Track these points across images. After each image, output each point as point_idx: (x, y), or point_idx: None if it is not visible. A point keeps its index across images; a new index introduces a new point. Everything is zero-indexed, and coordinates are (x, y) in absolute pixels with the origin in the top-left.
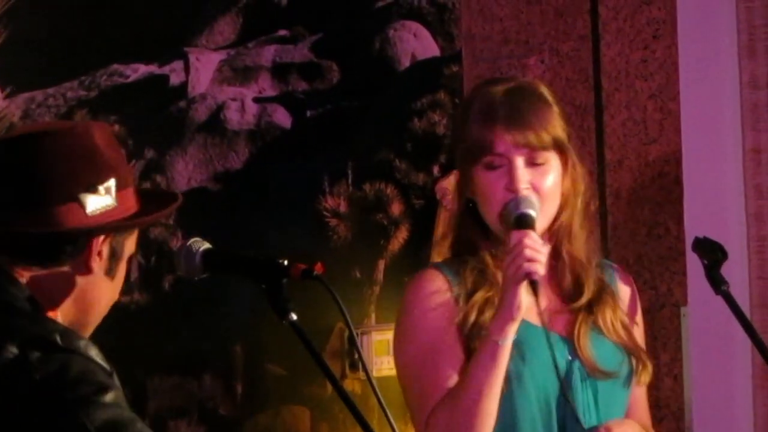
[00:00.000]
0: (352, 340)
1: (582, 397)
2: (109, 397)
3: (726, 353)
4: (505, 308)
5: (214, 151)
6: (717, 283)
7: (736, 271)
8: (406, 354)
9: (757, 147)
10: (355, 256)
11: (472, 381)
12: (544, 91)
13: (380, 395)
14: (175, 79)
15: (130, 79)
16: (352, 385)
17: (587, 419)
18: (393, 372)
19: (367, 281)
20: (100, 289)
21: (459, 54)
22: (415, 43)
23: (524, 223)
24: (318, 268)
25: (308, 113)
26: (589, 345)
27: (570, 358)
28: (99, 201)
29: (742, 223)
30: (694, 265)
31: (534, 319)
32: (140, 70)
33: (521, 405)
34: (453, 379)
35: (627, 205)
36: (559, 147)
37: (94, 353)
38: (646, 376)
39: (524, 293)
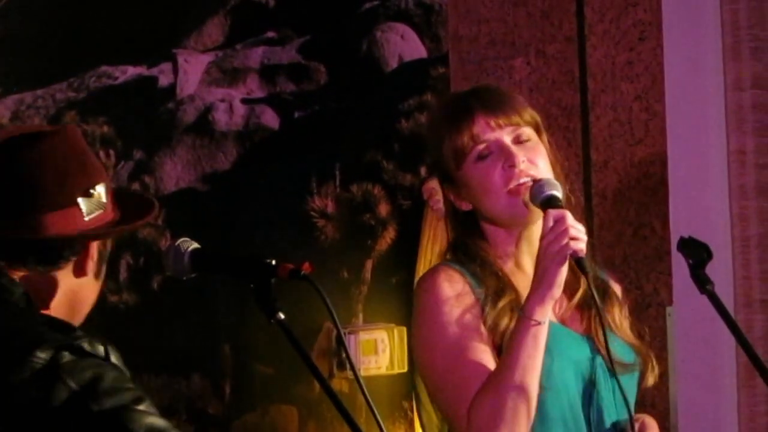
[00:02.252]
0: (339, 340)
1: (605, 392)
2: (144, 405)
3: (711, 353)
4: (546, 286)
5: (202, 152)
6: (702, 282)
7: (720, 272)
8: (436, 349)
9: (742, 148)
10: (343, 256)
11: (517, 364)
12: (511, 91)
13: (368, 394)
14: (163, 81)
15: (118, 81)
16: (339, 384)
17: (610, 414)
18: (380, 371)
19: (354, 281)
20: (89, 290)
21: (446, 55)
22: (402, 44)
23: (553, 203)
24: (306, 268)
25: (296, 114)
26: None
27: (592, 354)
28: (93, 205)
29: (727, 223)
30: (679, 265)
31: (551, 317)
32: (129, 72)
33: (551, 401)
34: (485, 369)
35: (613, 205)
36: (536, 127)
37: (115, 358)
38: (653, 378)
39: (563, 271)
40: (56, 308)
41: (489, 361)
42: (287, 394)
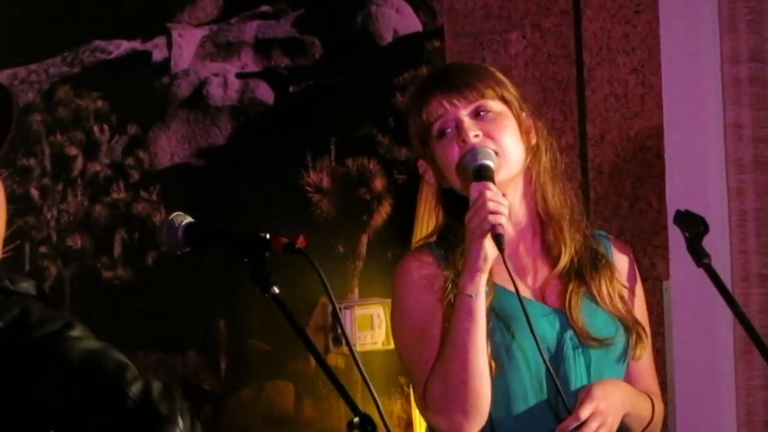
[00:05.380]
0: (335, 315)
1: (575, 368)
2: (77, 331)
3: (708, 326)
4: (472, 261)
5: (197, 126)
6: (699, 255)
7: (717, 245)
8: (400, 334)
9: (738, 121)
10: (338, 231)
11: (456, 340)
12: (484, 65)
13: (363, 369)
14: (157, 55)
15: (112, 55)
16: (335, 359)
17: (578, 388)
18: (376, 346)
19: (350, 256)
20: None
21: (441, 29)
22: (397, 18)
23: (483, 174)
24: (300, 242)
25: (291, 89)
26: (581, 314)
27: (561, 329)
28: None
29: (724, 197)
30: (676, 239)
31: (524, 291)
32: (123, 46)
33: (512, 377)
34: None
35: (609, 179)
36: (504, 100)
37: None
38: (641, 349)
39: (490, 246)
40: None
41: None
42: (283, 370)
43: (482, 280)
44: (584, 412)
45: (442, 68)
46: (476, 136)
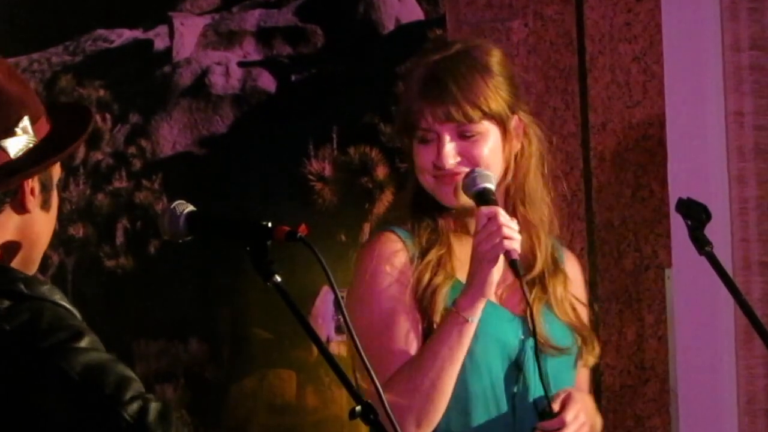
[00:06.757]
0: (337, 303)
1: (534, 375)
2: (84, 341)
3: (710, 315)
4: (477, 285)
5: (198, 115)
6: (701, 243)
7: (719, 234)
8: (361, 320)
9: (740, 109)
10: (340, 219)
11: (436, 357)
12: (486, 57)
13: (365, 358)
14: (159, 44)
15: (114, 44)
16: (337, 348)
17: (535, 395)
18: None
19: (352, 244)
20: (40, 224)
21: (443, 17)
22: (399, 6)
23: (487, 198)
24: (302, 230)
25: (293, 77)
26: (543, 322)
27: (523, 336)
28: (19, 142)
29: (725, 185)
30: (678, 227)
31: (491, 296)
32: (125, 35)
33: (472, 381)
34: (409, 346)
35: (611, 167)
36: (491, 116)
37: (59, 297)
38: (592, 358)
39: (495, 271)
40: (9, 250)
41: (409, 340)
42: (285, 359)
43: (482, 305)
44: (569, 415)
45: (436, 66)
46: (452, 163)
